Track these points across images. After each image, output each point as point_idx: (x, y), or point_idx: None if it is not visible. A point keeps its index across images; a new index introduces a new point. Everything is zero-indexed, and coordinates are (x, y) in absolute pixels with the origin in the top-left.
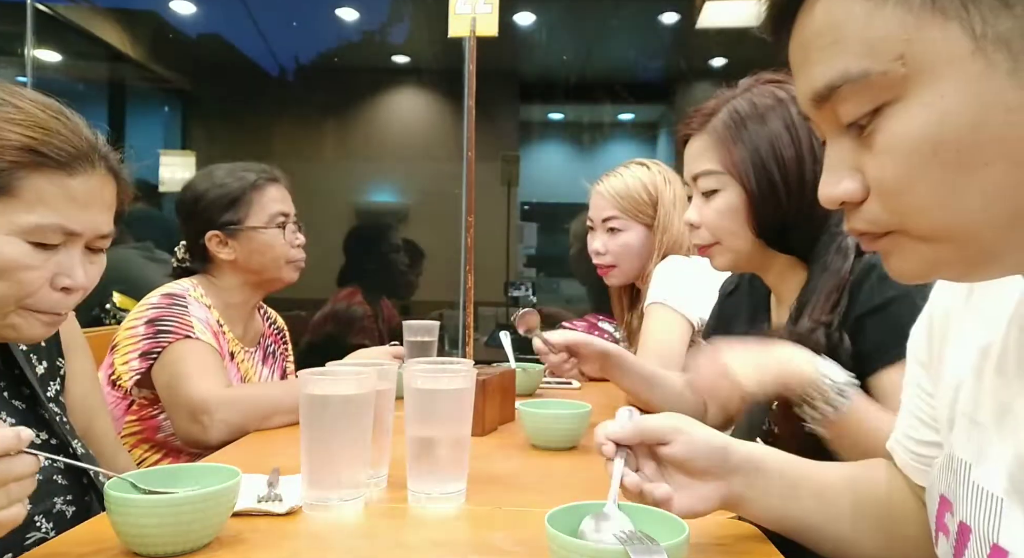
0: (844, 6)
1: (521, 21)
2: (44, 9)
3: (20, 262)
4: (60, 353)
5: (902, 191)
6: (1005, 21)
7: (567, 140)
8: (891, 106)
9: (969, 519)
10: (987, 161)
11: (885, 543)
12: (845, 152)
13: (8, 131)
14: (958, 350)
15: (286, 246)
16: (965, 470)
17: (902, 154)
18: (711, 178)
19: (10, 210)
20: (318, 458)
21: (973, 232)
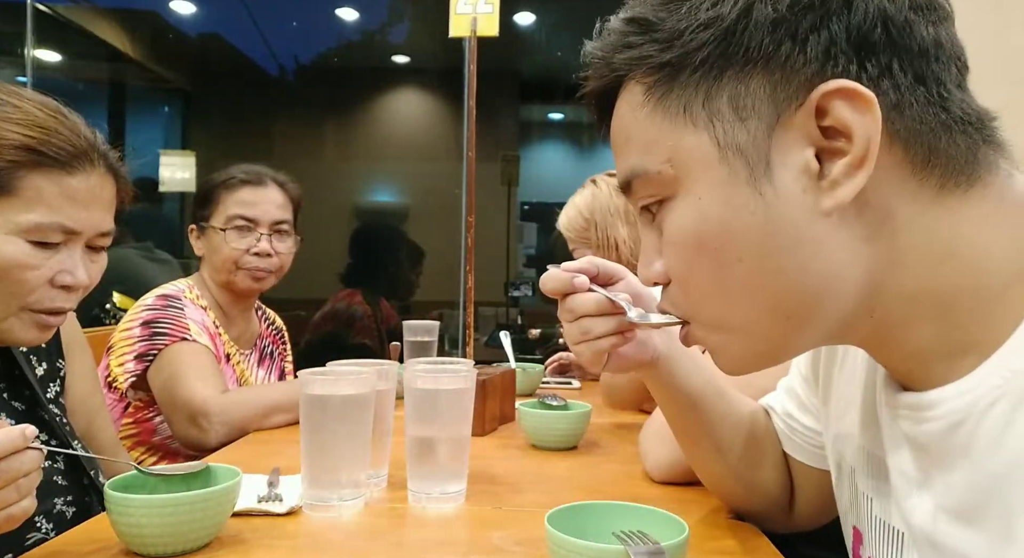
0: (631, 110)
1: (521, 21)
2: (44, 9)
3: (20, 261)
4: (60, 354)
5: (684, 280)
6: (741, 134)
7: (567, 140)
8: (670, 201)
9: (876, 554)
10: (740, 257)
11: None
12: (653, 236)
13: (7, 130)
14: (847, 375)
15: (236, 251)
16: (868, 504)
17: (678, 246)
18: None
19: (10, 209)
20: (318, 458)
21: (748, 324)
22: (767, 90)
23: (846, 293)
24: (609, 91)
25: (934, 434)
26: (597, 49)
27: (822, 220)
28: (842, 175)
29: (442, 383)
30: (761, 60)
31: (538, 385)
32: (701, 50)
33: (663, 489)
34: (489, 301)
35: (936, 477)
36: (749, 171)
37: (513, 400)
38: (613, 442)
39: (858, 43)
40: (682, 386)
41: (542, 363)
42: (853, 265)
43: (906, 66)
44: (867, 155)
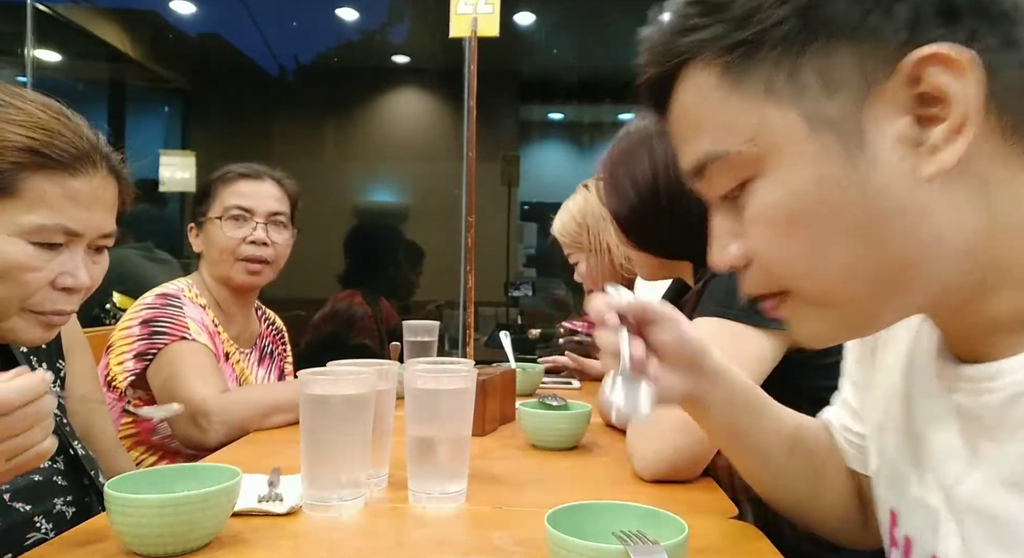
0: (701, 93)
1: (521, 21)
2: (44, 9)
3: (23, 263)
4: (60, 355)
5: (772, 259)
6: (831, 107)
7: (567, 140)
8: (753, 182)
9: (912, 531)
10: (834, 231)
11: (808, 494)
12: (727, 220)
13: (10, 132)
14: (888, 364)
15: (232, 240)
16: (906, 485)
17: (765, 225)
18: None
19: (12, 211)
20: (318, 458)
21: (846, 296)
22: (855, 61)
23: (947, 259)
24: (669, 77)
25: (993, 405)
26: (657, 34)
27: (924, 187)
28: (942, 141)
29: (442, 383)
30: (847, 31)
31: (538, 385)
32: (781, 26)
33: (663, 489)
34: (489, 301)
35: (988, 449)
36: (842, 144)
37: (513, 400)
38: (613, 442)
39: (944, 8)
40: (720, 416)
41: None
42: (955, 232)
43: (993, 30)
44: (967, 119)
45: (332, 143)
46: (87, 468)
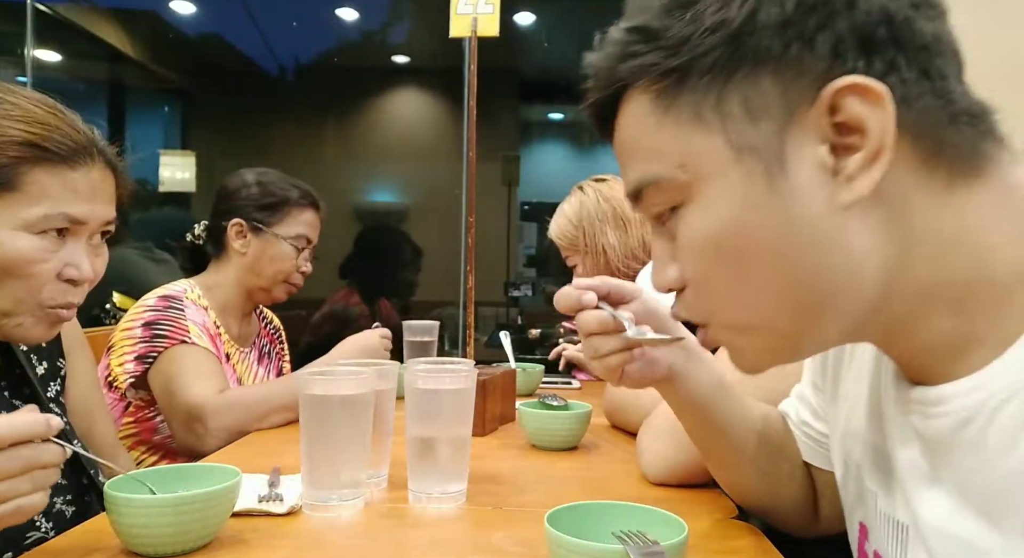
0: (637, 118)
1: (521, 21)
2: (44, 9)
3: (29, 255)
4: (61, 353)
5: (702, 285)
6: (754, 134)
7: (567, 140)
8: (683, 207)
9: (881, 548)
10: (758, 257)
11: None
12: (665, 243)
13: (8, 127)
14: (855, 374)
15: (293, 267)
16: (874, 500)
17: (694, 251)
18: None
19: (15, 205)
20: (318, 458)
21: (770, 322)
22: (778, 90)
23: (866, 285)
24: (611, 101)
25: (943, 430)
26: (599, 60)
27: (840, 214)
28: (858, 169)
29: (442, 383)
30: (771, 61)
31: (538, 385)
32: (709, 54)
33: (663, 489)
34: (489, 301)
35: (947, 472)
36: (765, 171)
37: (513, 400)
38: (613, 442)
39: (863, 40)
40: (696, 398)
41: (542, 363)
42: (872, 257)
43: (911, 61)
44: (882, 148)
45: (332, 143)
46: (87, 467)
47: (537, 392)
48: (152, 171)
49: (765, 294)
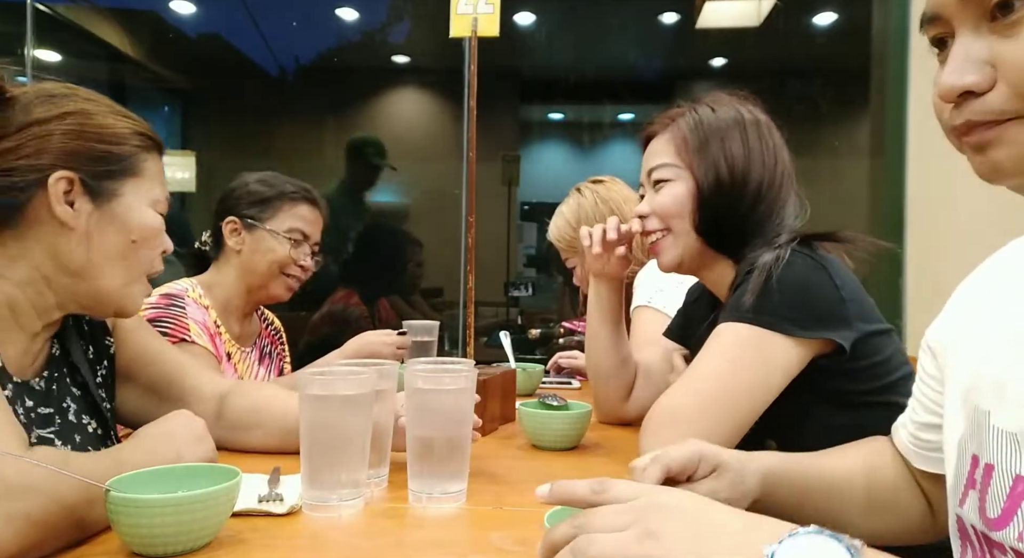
0: None
1: (521, 21)
2: (44, 9)
3: (159, 228)
4: (107, 332)
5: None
6: None
7: (567, 140)
8: None
9: (993, 459)
10: None
11: (894, 523)
12: (978, 47)
13: (117, 122)
14: (990, 327)
15: (288, 259)
16: (986, 418)
17: None
18: (665, 170)
19: (141, 187)
20: (318, 458)
21: None
22: None
23: None
24: None
25: None
26: None
27: None
28: None
29: (442, 383)
30: None
31: (538, 385)
32: None
33: None
34: (489, 301)
35: None
36: None
37: (513, 400)
38: (613, 442)
39: None
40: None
41: (542, 363)
42: None
43: None
44: None
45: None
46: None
47: (537, 392)
48: None
49: None
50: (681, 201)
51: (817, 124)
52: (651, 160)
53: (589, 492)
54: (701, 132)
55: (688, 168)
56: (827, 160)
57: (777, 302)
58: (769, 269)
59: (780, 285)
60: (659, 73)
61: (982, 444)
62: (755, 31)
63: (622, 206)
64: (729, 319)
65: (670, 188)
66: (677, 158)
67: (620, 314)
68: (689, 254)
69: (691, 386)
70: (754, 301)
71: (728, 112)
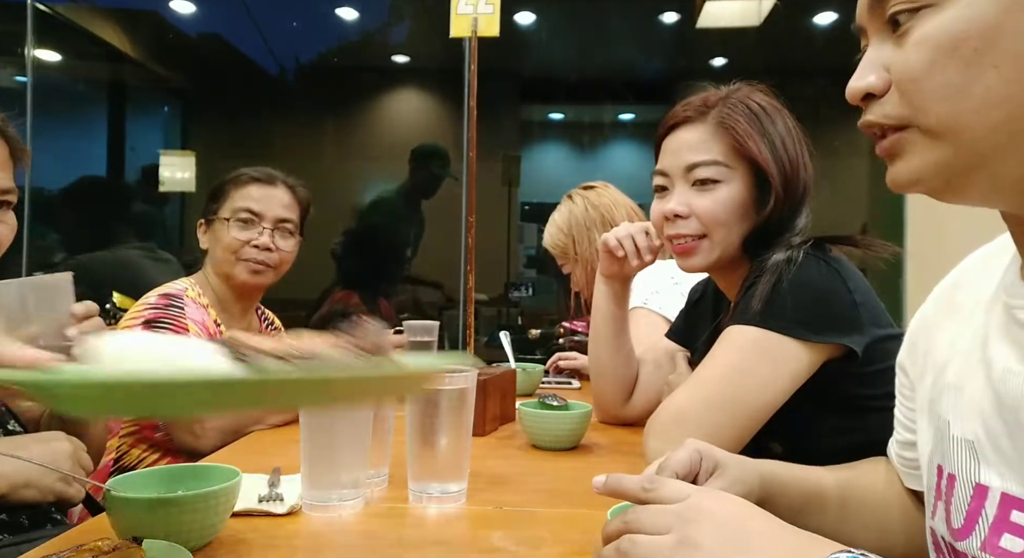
0: None
1: (521, 21)
2: (44, 9)
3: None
4: None
5: (919, 80)
6: None
7: (567, 140)
8: (930, 9)
9: (955, 469)
10: (997, 63)
11: (876, 538)
12: (880, 52)
13: None
14: (946, 339)
15: (237, 240)
16: (947, 428)
17: (926, 44)
18: (713, 168)
19: None
20: (318, 458)
21: (968, 130)
22: None
23: None
24: None
25: None
26: None
27: None
28: None
29: (442, 383)
30: None
31: (538, 385)
32: None
33: None
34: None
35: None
36: None
37: (513, 400)
38: (613, 442)
39: None
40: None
41: (542, 363)
42: None
43: None
44: None
45: (332, 143)
46: None
47: (537, 392)
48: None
49: (983, 100)
50: (731, 208)
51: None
52: (690, 154)
53: (639, 489)
54: (755, 128)
55: (739, 169)
56: (827, 160)
57: (788, 305)
58: (780, 271)
59: (792, 288)
60: (659, 73)
61: (944, 454)
62: (755, 31)
63: (612, 211)
64: (739, 321)
65: (720, 192)
66: (727, 156)
67: (626, 314)
68: (724, 260)
69: (698, 388)
70: (764, 304)
71: (768, 106)
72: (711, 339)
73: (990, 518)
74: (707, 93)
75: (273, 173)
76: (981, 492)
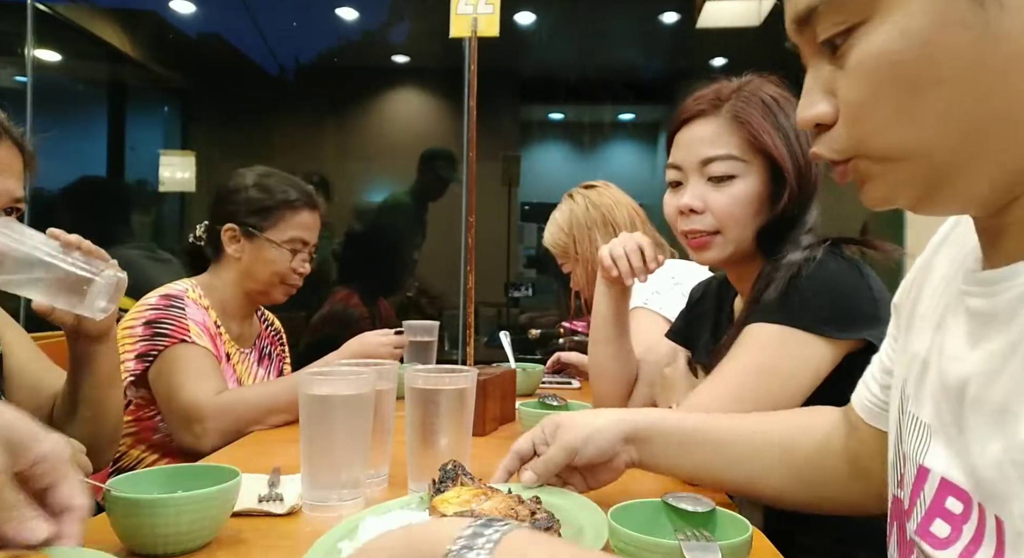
0: None
1: (521, 21)
2: (44, 9)
3: None
4: None
5: (863, 111)
6: None
7: (567, 140)
8: (862, 26)
9: (907, 447)
10: (941, 79)
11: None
12: (822, 75)
13: None
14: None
15: (288, 270)
16: (907, 404)
17: (866, 71)
18: (729, 163)
19: None
20: (318, 458)
21: (927, 150)
22: None
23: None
24: None
25: (999, 305)
26: None
27: None
28: None
29: (442, 383)
30: None
31: (538, 385)
32: None
33: (656, 483)
34: (489, 301)
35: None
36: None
37: (513, 400)
38: None
39: None
40: (676, 472)
41: (542, 363)
42: None
43: None
44: None
45: (332, 143)
46: None
47: (537, 392)
48: (152, 171)
49: (935, 119)
50: (746, 203)
51: None
52: (704, 149)
53: None
54: (769, 121)
55: (754, 163)
56: None
57: (811, 302)
58: (799, 268)
59: (813, 285)
60: (659, 73)
61: (900, 430)
62: (755, 31)
63: (613, 211)
64: (760, 319)
65: (736, 187)
66: (742, 150)
67: (626, 316)
68: (738, 254)
69: (720, 386)
70: (786, 301)
71: (780, 98)
72: (713, 339)
73: (927, 501)
74: (719, 85)
75: (316, 196)
76: (923, 474)
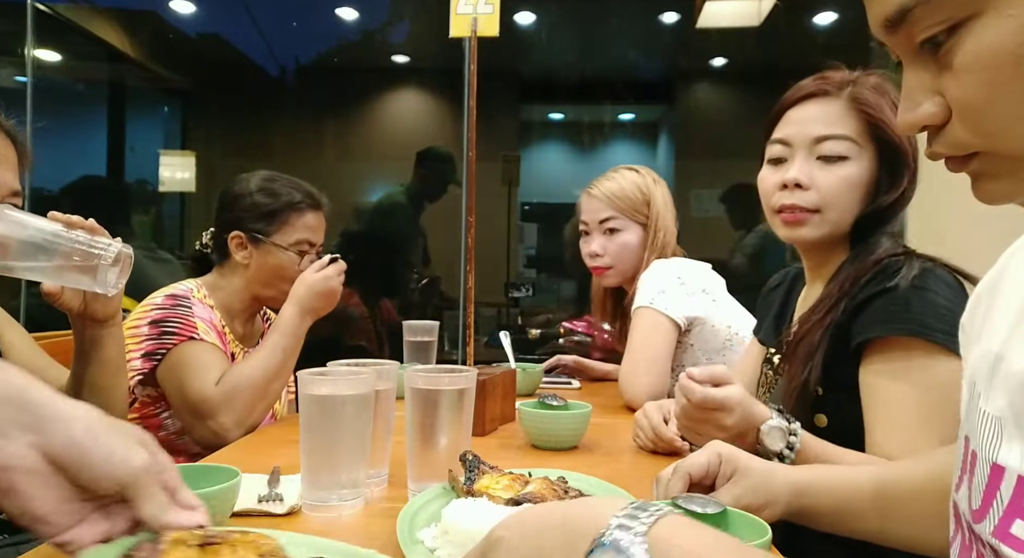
0: None
1: (521, 21)
2: (44, 9)
3: None
4: None
5: (985, 110)
6: None
7: (567, 140)
8: (969, 22)
9: (977, 445)
10: None
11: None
12: (923, 75)
13: None
14: (1002, 306)
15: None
16: (976, 399)
17: (983, 70)
18: (842, 143)
19: None
20: (318, 458)
21: None
22: None
23: None
24: None
25: None
26: None
27: None
28: None
29: (442, 383)
30: None
31: (538, 385)
32: None
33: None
34: (489, 301)
35: None
36: None
37: (513, 400)
38: (613, 442)
39: None
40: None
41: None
42: None
43: None
44: None
45: (332, 143)
46: None
47: (537, 392)
48: (152, 171)
49: None
50: (855, 186)
51: None
52: (819, 127)
53: None
54: (889, 113)
55: (868, 149)
56: None
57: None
58: (927, 282)
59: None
60: (659, 73)
61: (972, 428)
62: (755, 31)
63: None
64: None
65: (847, 169)
66: (859, 134)
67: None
68: (829, 238)
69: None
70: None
71: (895, 95)
72: (775, 324)
73: (1005, 501)
74: (841, 72)
75: (319, 196)
76: (998, 472)
